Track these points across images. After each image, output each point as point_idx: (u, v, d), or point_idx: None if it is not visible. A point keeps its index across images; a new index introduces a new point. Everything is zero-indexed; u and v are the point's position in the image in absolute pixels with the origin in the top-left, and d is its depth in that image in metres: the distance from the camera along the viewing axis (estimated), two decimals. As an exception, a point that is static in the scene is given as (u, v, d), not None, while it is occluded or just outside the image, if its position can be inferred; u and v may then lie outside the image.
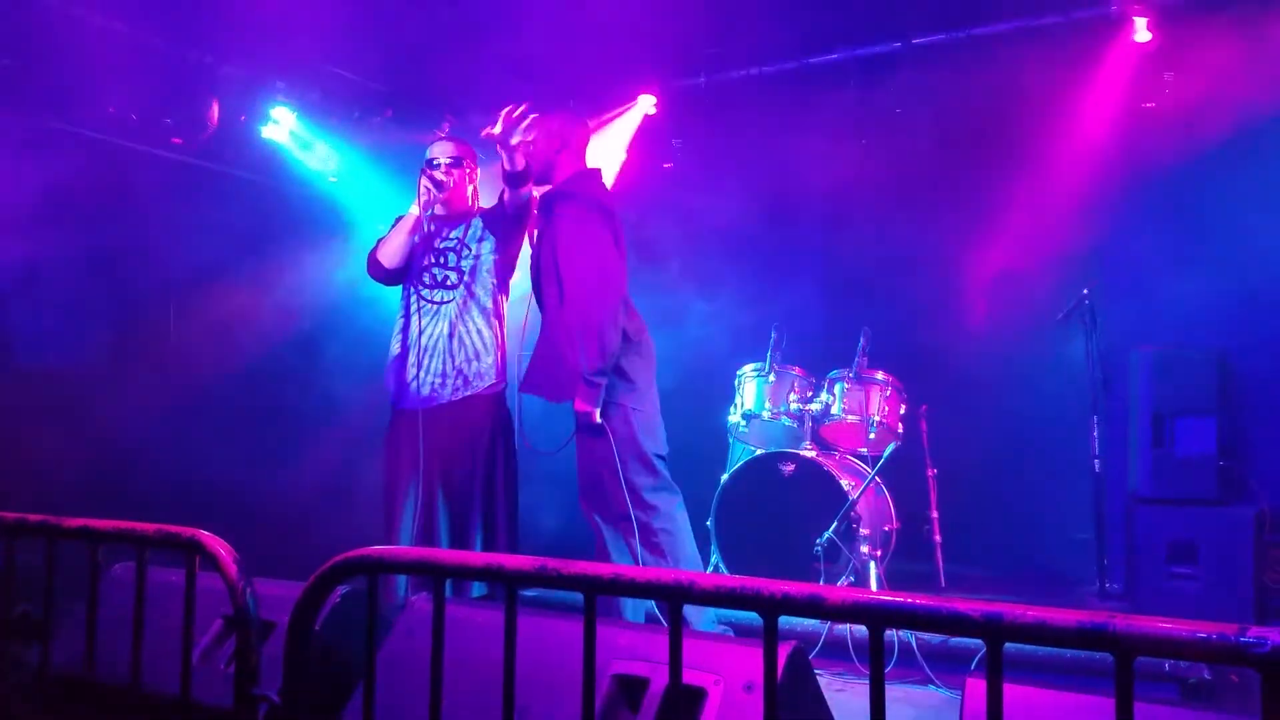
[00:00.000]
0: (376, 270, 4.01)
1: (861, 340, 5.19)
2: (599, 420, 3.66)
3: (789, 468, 4.98)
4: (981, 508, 5.63)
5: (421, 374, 3.88)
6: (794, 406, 5.24)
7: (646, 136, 6.57)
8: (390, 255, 3.96)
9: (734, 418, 5.39)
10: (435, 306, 3.94)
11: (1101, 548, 5.18)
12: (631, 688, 2.13)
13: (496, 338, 3.99)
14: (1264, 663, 1.15)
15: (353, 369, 6.19)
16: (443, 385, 3.88)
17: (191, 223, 5.78)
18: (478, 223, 4.05)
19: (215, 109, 5.63)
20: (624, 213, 4.00)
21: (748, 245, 6.62)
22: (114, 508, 2.52)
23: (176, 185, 5.78)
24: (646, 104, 6.44)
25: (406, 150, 6.23)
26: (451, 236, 4.02)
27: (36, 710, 2.24)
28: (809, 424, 5.22)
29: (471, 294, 3.95)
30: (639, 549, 3.70)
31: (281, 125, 6.05)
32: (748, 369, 5.39)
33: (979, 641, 1.34)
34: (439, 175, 3.98)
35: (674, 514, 3.78)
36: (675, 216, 6.51)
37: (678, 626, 1.57)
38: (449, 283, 3.95)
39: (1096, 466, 5.23)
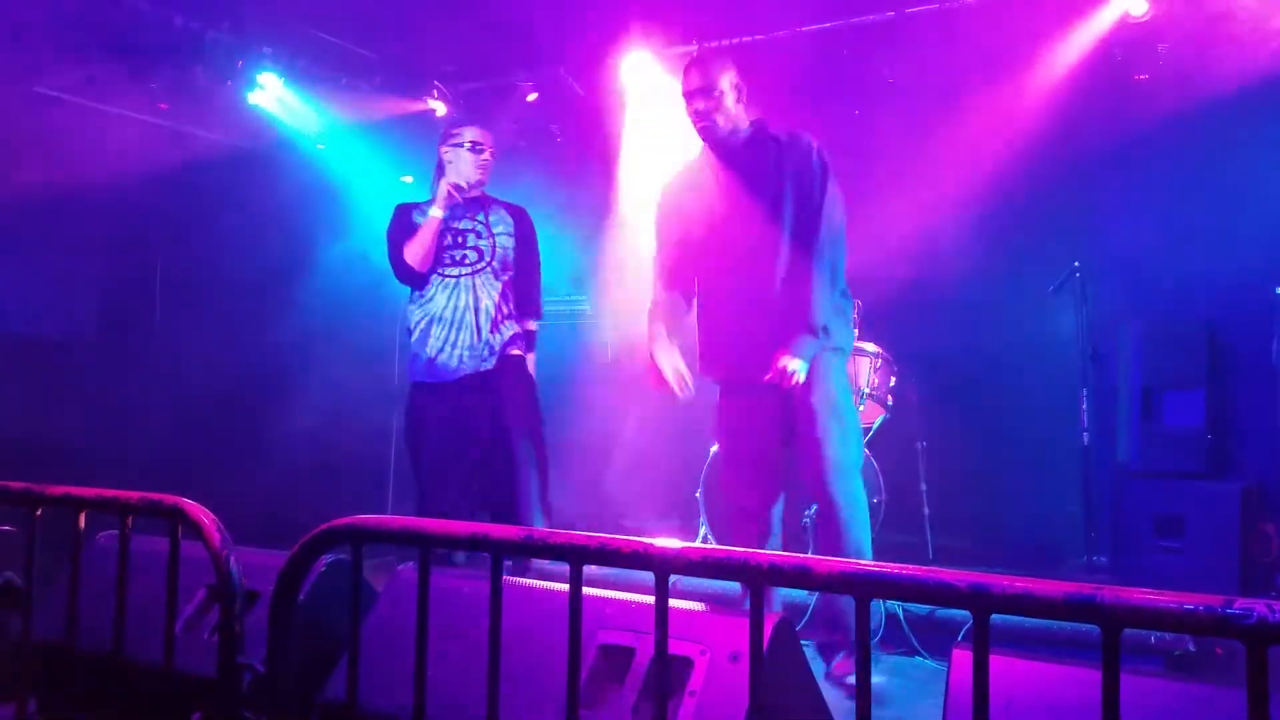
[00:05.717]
0: (406, 274, 3.95)
1: (852, 312, 5.16)
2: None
3: (778, 439, 4.95)
4: (970, 480, 5.62)
5: (447, 348, 3.89)
6: (784, 378, 5.21)
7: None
8: (421, 259, 3.90)
9: (724, 389, 5.36)
10: (454, 280, 3.94)
11: (1089, 521, 5.19)
12: (617, 658, 2.12)
13: (512, 310, 4.02)
14: (1249, 634, 1.14)
15: (340, 337, 6.15)
16: (471, 356, 3.89)
17: (177, 188, 5.74)
18: (503, 212, 4.08)
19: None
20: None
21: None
22: (100, 476, 2.50)
23: (161, 150, 5.72)
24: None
25: (394, 118, 6.17)
26: (472, 219, 4.02)
27: (17, 679, 2.23)
28: (798, 396, 5.20)
29: (490, 268, 3.97)
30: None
31: (268, 91, 5.96)
32: (738, 340, 5.35)
33: (966, 613, 1.34)
34: (483, 161, 3.98)
35: None
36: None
37: (664, 597, 1.56)
38: (467, 261, 3.96)
39: (1085, 439, 5.24)
